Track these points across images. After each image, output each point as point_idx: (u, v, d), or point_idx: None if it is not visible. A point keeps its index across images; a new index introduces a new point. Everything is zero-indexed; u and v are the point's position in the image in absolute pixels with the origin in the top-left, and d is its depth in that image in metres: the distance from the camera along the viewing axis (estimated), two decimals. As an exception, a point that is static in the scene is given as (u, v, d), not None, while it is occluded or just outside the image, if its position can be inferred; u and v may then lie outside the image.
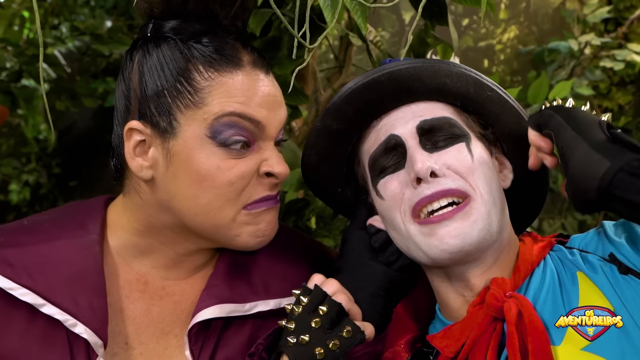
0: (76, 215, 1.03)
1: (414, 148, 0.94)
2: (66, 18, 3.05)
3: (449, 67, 0.97)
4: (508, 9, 3.65)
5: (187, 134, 0.92)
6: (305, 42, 0.84)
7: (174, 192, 0.94)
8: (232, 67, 0.93)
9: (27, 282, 0.92)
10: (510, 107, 0.99)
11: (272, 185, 0.97)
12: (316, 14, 1.36)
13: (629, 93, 3.62)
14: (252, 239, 0.97)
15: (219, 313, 0.97)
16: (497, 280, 0.93)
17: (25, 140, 3.88)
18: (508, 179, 1.02)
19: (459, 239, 0.90)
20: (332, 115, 1.01)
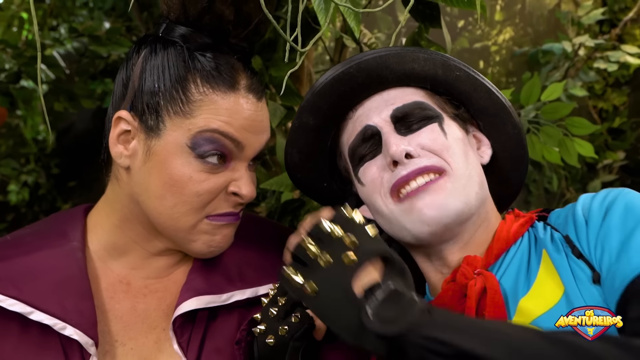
0: (57, 225, 1.07)
1: (388, 133, 0.97)
2: (65, 19, 3.06)
3: (415, 53, 0.99)
4: (503, 10, 3.67)
5: (169, 138, 0.96)
6: (298, 45, 0.86)
7: (145, 187, 0.99)
8: (226, 87, 0.97)
9: (14, 292, 0.95)
10: (480, 84, 1.01)
11: (237, 203, 1.01)
12: (312, 16, 1.38)
13: (624, 94, 3.64)
14: (205, 247, 1.01)
15: (197, 305, 1.01)
16: (468, 258, 0.96)
17: (24, 141, 3.89)
18: (486, 155, 1.05)
19: (437, 210, 0.93)
20: (307, 112, 1.03)
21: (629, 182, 3.66)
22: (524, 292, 0.93)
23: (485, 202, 1.00)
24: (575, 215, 0.93)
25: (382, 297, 0.79)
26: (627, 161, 3.56)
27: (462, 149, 0.98)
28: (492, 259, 0.97)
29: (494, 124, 1.04)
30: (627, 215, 0.87)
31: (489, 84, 1.02)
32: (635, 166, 3.65)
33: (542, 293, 0.91)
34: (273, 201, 1.61)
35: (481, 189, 0.98)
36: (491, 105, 1.02)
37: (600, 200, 0.92)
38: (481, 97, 1.02)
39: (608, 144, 3.47)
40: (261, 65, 1.51)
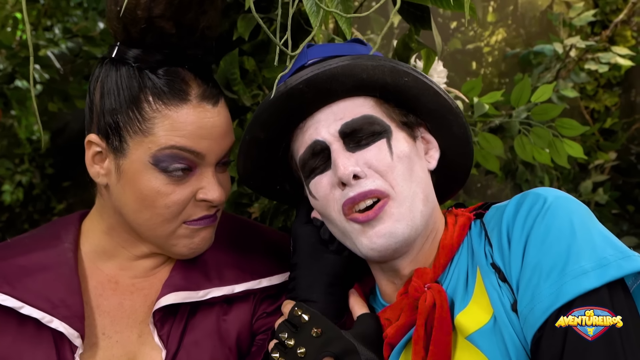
0: (53, 229, 1.16)
1: (337, 152, 0.99)
2: (59, 20, 3.07)
3: (364, 62, 0.99)
4: (496, 12, 3.69)
5: (134, 156, 1.01)
6: (288, 49, 0.87)
7: (124, 202, 1.05)
8: (178, 100, 1.00)
9: (7, 289, 1.04)
10: (427, 87, 1.03)
11: (209, 207, 1.06)
12: (304, 18, 1.40)
13: (615, 95, 3.67)
14: (186, 250, 1.08)
15: (175, 300, 1.08)
16: (418, 272, 1.00)
17: (18, 141, 3.89)
18: (434, 159, 1.08)
19: (386, 238, 0.97)
20: (258, 126, 1.04)
21: (620, 182, 3.69)
22: (462, 307, 0.97)
23: (432, 214, 1.04)
24: (501, 235, 0.95)
25: None
26: (618, 161, 3.58)
27: (407, 167, 1.00)
28: (440, 270, 1.01)
29: (442, 125, 1.07)
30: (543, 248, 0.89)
31: (437, 86, 1.04)
32: (627, 166, 3.68)
33: (476, 310, 0.95)
34: (266, 202, 1.62)
35: (426, 205, 1.01)
36: (438, 107, 1.04)
37: (522, 222, 0.93)
38: (429, 100, 1.04)
39: (599, 144, 3.49)
40: (254, 67, 1.52)
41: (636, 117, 3.68)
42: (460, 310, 0.96)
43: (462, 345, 0.95)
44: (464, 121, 1.08)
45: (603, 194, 3.40)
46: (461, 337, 0.95)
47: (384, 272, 1.07)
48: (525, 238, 0.91)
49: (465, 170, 1.14)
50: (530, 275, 0.89)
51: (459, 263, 1.01)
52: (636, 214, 3.63)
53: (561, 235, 0.89)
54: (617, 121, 3.52)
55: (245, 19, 1.41)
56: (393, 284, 1.07)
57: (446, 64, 1.61)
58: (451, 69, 2.09)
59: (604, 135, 3.63)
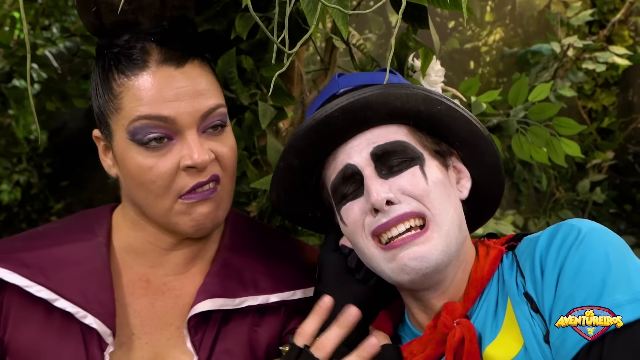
0: (85, 221, 1.14)
1: (370, 177, 0.98)
2: (57, 19, 3.07)
3: (398, 90, 0.99)
4: (494, 11, 3.70)
5: (117, 137, 1.02)
6: (285, 47, 0.87)
7: (126, 186, 1.06)
8: (137, 69, 0.99)
9: (42, 280, 1.02)
10: (459, 116, 1.02)
11: (198, 173, 1.01)
12: (302, 17, 1.40)
13: (613, 94, 3.68)
14: (188, 227, 1.05)
15: (212, 306, 1.06)
16: (447, 307, 0.98)
17: (16, 141, 3.89)
18: (465, 189, 1.06)
19: (418, 262, 0.95)
20: (292, 154, 1.04)
21: (618, 181, 3.70)
22: (491, 339, 0.95)
23: (464, 243, 1.02)
24: (534, 265, 0.93)
25: None
26: (616, 161, 3.59)
27: (442, 192, 0.99)
28: (470, 304, 0.99)
29: (474, 153, 1.05)
30: (577, 279, 0.88)
31: (468, 114, 1.03)
32: (624, 166, 3.69)
33: (505, 343, 0.93)
34: (264, 200, 1.62)
35: (460, 232, 1.00)
36: (470, 136, 1.04)
37: (555, 252, 0.91)
38: (461, 129, 1.03)
39: (597, 143, 3.50)
40: (252, 66, 1.52)
41: (634, 116, 3.69)
42: (489, 342, 0.94)
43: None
44: (495, 149, 1.06)
45: (600, 193, 3.41)
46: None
47: (415, 300, 1.04)
48: (559, 268, 0.89)
49: (497, 198, 1.12)
50: (563, 306, 0.87)
51: (488, 295, 0.99)
52: (633, 213, 3.64)
53: (596, 266, 0.87)
54: (615, 120, 3.54)
55: (243, 18, 1.41)
56: (425, 314, 1.04)
57: (444, 63, 1.61)
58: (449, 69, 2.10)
59: (602, 134, 3.65)
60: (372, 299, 1.07)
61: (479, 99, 1.81)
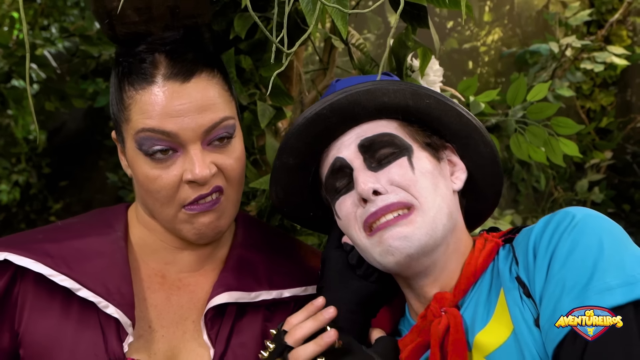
0: (103, 217, 1.18)
1: (358, 169, 1.00)
2: (56, 19, 3.07)
3: (385, 86, 1.02)
4: (492, 11, 3.70)
5: (128, 145, 1.06)
6: (284, 47, 0.88)
7: (137, 190, 1.10)
8: (144, 83, 1.01)
9: (65, 270, 1.05)
10: (450, 109, 1.04)
11: (200, 186, 1.04)
12: (300, 17, 1.40)
13: (611, 94, 3.69)
14: (190, 235, 1.09)
15: (229, 299, 1.10)
16: (437, 296, 1.00)
17: (15, 141, 3.89)
18: (459, 180, 1.07)
19: (401, 241, 0.96)
20: (287, 153, 1.07)
21: (616, 181, 3.71)
22: (481, 326, 0.96)
23: (455, 231, 1.03)
24: (527, 250, 0.94)
25: None
26: (614, 160, 3.60)
27: (430, 182, 1.00)
28: (461, 295, 1.00)
29: (468, 145, 1.07)
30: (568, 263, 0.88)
31: (459, 107, 1.05)
32: (623, 165, 3.70)
33: (495, 329, 0.94)
34: (263, 200, 1.62)
35: (449, 220, 1.01)
36: (462, 127, 1.05)
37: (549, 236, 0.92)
38: (452, 121, 1.04)
39: (595, 143, 3.51)
40: (251, 66, 1.53)
41: (632, 116, 3.70)
42: (480, 330, 0.96)
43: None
44: (490, 140, 1.07)
45: (599, 193, 3.42)
46: (480, 356, 0.94)
47: (411, 289, 1.06)
48: (551, 252, 0.90)
49: (496, 190, 1.12)
50: (553, 289, 0.88)
51: (481, 286, 1.00)
52: (632, 212, 3.65)
53: (588, 251, 0.87)
54: (613, 120, 3.54)
55: (242, 18, 1.42)
56: (420, 302, 1.06)
57: (443, 63, 1.62)
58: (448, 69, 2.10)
59: (600, 134, 3.65)
60: (374, 295, 1.09)
61: (477, 99, 1.81)
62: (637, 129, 3.69)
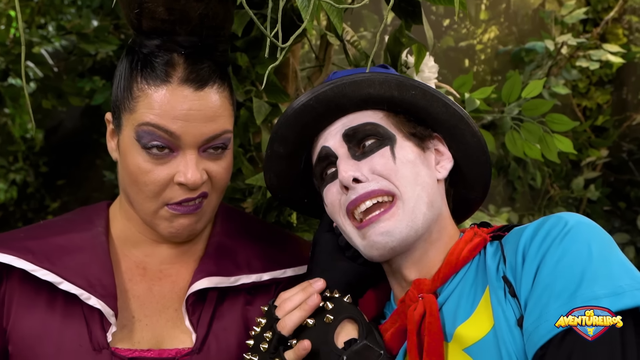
0: (84, 214, 1.22)
1: (341, 158, 1.04)
2: (52, 17, 3.07)
3: (370, 77, 1.05)
4: (488, 9, 3.71)
5: (125, 133, 1.08)
6: (279, 42, 0.88)
7: (122, 177, 1.12)
8: (159, 82, 1.04)
9: (47, 265, 1.08)
10: (436, 99, 1.06)
11: (188, 190, 1.07)
12: (296, 14, 1.41)
13: (607, 92, 3.70)
14: (166, 232, 1.12)
15: (209, 284, 1.13)
16: (416, 282, 1.03)
17: (12, 139, 3.89)
18: (444, 169, 1.09)
19: (384, 237, 1.00)
20: (277, 142, 1.11)
21: (612, 179, 3.72)
22: (464, 319, 0.97)
23: (438, 220, 1.05)
24: (517, 252, 0.95)
25: (357, 349, 0.97)
26: (610, 158, 3.61)
27: (410, 171, 1.03)
28: (439, 283, 1.02)
29: (455, 135, 1.09)
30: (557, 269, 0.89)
31: (445, 98, 1.07)
32: (618, 163, 3.71)
33: (476, 323, 0.96)
34: (259, 197, 1.63)
35: (430, 209, 1.03)
36: (449, 117, 1.07)
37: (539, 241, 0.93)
38: (438, 112, 1.07)
39: (591, 141, 3.52)
40: (247, 63, 1.53)
41: (628, 114, 3.71)
42: (461, 322, 0.97)
43: (459, 357, 0.96)
44: (477, 130, 1.10)
45: (595, 191, 3.43)
46: (459, 348, 0.96)
47: (393, 274, 1.08)
48: (541, 257, 0.91)
49: (483, 180, 1.14)
50: (540, 294, 0.89)
51: (465, 278, 1.02)
52: (627, 210, 3.66)
53: (577, 259, 0.88)
54: (609, 118, 3.55)
55: (238, 15, 1.43)
56: (401, 287, 1.08)
57: (439, 61, 1.63)
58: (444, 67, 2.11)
59: (596, 132, 3.66)
60: (362, 276, 1.11)
61: (472, 96, 1.82)
62: (632, 127, 3.70)
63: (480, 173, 1.13)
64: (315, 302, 1.01)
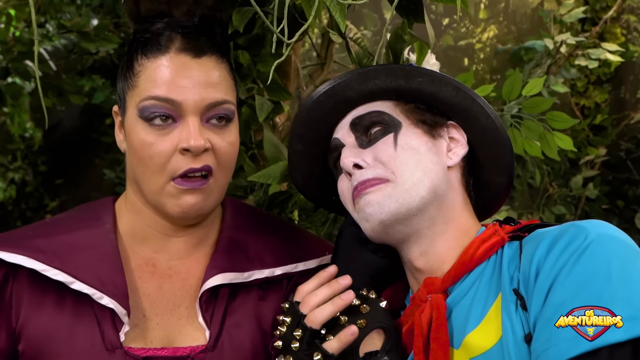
0: (91, 210, 1.19)
1: (346, 147, 1.06)
2: (52, 16, 3.07)
3: (376, 69, 1.06)
4: (487, 8, 3.72)
5: (129, 112, 1.08)
6: (284, 37, 0.89)
7: (129, 160, 1.12)
8: (158, 53, 1.06)
9: (58, 264, 1.06)
10: (445, 84, 1.05)
11: (193, 158, 1.06)
12: (298, 12, 1.41)
13: (606, 91, 3.72)
14: (174, 211, 1.09)
15: (222, 280, 1.11)
16: (426, 281, 1.01)
17: (11, 138, 3.89)
18: (456, 155, 1.06)
19: (373, 207, 1.00)
20: (295, 140, 1.14)
21: (610, 178, 3.74)
22: (474, 326, 0.95)
23: (440, 209, 1.02)
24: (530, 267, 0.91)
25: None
26: (608, 157, 3.63)
27: (411, 157, 1.02)
28: (450, 282, 1.00)
29: (468, 118, 1.07)
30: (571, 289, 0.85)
31: (456, 82, 1.06)
32: (616, 162, 3.73)
33: (484, 333, 0.93)
34: (261, 194, 1.63)
35: (431, 194, 1.01)
36: (460, 101, 1.06)
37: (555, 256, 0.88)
38: (449, 96, 1.06)
39: (590, 140, 3.53)
40: (249, 61, 1.54)
41: (626, 113, 3.73)
42: (471, 330, 0.95)
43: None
44: (491, 111, 1.07)
45: (593, 189, 3.44)
46: (466, 357, 0.94)
47: (407, 266, 1.07)
48: (555, 275, 0.86)
49: (505, 161, 1.09)
50: (551, 315, 0.85)
51: (479, 281, 0.98)
52: (626, 209, 3.68)
53: (594, 279, 0.83)
54: (607, 117, 3.56)
55: (240, 12, 1.43)
56: (414, 278, 1.07)
57: (438, 59, 1.63)
58: (443, 65, 2.11)
59: (594, 131, 3.68)
60: (384, 269, 1.11)
61: (473, 94, 1.82)
62: (630, 126, 3.72)
63: (500, 154, 1.08)
64: (351, 298, 0.99)
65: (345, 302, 0.99)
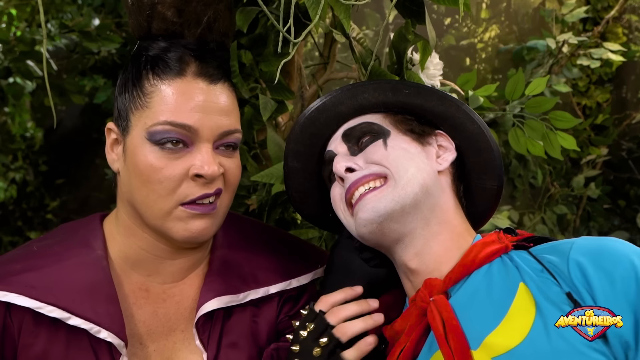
0: (78, 235, 1.14)
1: (339, 155, 1.09)
2: (54, 16, 3.07)
3: (364, 85, 1.12)
4: (489, 8, 3.72)
5: (134, 132, 1.04)
6: (291, 37, 0.89)
7: (128, 183, 1.07)
8: (173, 75, 1.04)
9: (52, 299, 1.02)
10: (430, 94, 1.10)
11: (205, 184, 1.04)
12: (302, 12, 1.41)
13: (607, 91, 3.71)
14: (180, 235, 1.06)
15: (219, 304, 1.10)
16: (427, 282, 1.02)
17: (12, 138, 3.89)
18: (445, 161, 1.09)
19: (369, 212, 1.01)
20: (290, 157, 1.17)
21: (612, 177, 3.74)
22: (493, 326, 0.94)
23: (434, 210, 1.04)
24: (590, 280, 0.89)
25: None
26: (609, 157, 3.62)
27: (402, 154, 1.05)
28: (451, 283, 1.00)
29: (454, 125, 1.11)
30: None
31: (441, 92, 1.10)
32: (618, 162, 3.73)
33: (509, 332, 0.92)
34: (264, 194, 1.63)
35: (423, 192, 1.02)
36: (446, 109, 1.10)
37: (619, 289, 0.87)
38: (433, 105, 1.10)
39: (591, 139, 3.53)
40: (251, 61, 1.53)
41: (627, 113, 3.73)
42: (491, 330, 0.94)
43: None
44: (476, 117, 1.11)
45: (595, 189, 3.44)
46: (487, 357, 0.92)
47: (401, 269, 1.08)
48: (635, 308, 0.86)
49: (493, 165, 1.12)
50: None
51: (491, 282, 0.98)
52: (627, 208, 3.68)
53: None
54: (609, 117, 3.56)
55: (243, 12, 1.43)
56: (410, 282, 1.07)
57: (440, 59, 1.63)
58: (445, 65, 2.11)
59: (596, 130, 3.68)
60: (377, 278, 1.12)
61: (476, 93, 1.83)
62: (632, 126, 3.72)
63: (488, 159, 1.12)
64: (381, 321, 1.03)
65: (375, 323, 1.03)
